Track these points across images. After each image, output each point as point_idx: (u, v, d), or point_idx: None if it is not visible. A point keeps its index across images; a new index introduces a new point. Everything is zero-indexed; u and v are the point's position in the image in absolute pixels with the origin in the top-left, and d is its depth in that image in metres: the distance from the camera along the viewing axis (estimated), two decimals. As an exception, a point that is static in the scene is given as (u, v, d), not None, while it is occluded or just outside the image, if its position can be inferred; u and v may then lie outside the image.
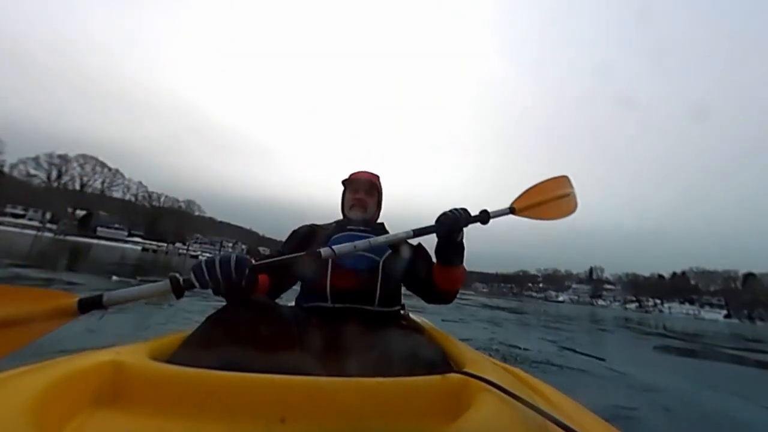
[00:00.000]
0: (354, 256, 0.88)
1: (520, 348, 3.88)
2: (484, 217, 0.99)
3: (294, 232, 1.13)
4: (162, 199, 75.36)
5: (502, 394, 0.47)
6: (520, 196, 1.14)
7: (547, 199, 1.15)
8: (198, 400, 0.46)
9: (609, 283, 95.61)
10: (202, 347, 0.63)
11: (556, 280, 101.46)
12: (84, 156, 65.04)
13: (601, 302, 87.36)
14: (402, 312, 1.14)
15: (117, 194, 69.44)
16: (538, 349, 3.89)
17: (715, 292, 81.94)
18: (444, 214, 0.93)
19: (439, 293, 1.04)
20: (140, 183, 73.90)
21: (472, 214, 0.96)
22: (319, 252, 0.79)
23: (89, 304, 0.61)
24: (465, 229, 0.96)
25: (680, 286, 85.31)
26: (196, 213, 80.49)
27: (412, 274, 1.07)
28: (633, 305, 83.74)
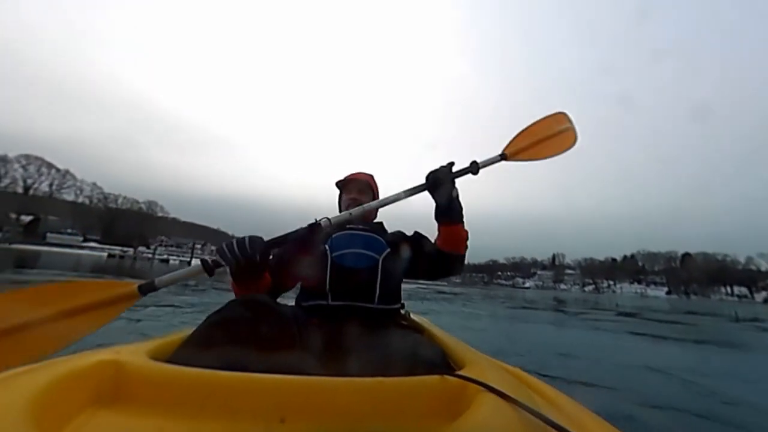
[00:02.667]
0: (352, 244, 1.00)
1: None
2: (474, 168, 1.00)
3: (294, 231, 1.12)
4: (120, 201, 70.33)
5: (502, 393, 0.47)
6: (511, 141, 1.11)
7: (543, 137, 1.12)
8: (198, 400, 0.47)
9: (570, 268, 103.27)
10: (202, 347, 0.64)
11: (522, 268, 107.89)
12: (27, 156, 58.88)
13: (562, 286, 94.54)
14: (402, 311, 1.14)
15: (68, 197, 63.95)
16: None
17: (659, 272, 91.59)
18: (432, 171, 0.96)
19: (444, 259, 1.05)
20: (94, 184, 68.29)
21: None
22: (319, 222, 0.89)
23: (147, 288, 0.75)
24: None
25: (630, 268, 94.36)
26: (159, 214, 76.13)
27: (415, 263, 1.07)
28: (590, 287, 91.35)
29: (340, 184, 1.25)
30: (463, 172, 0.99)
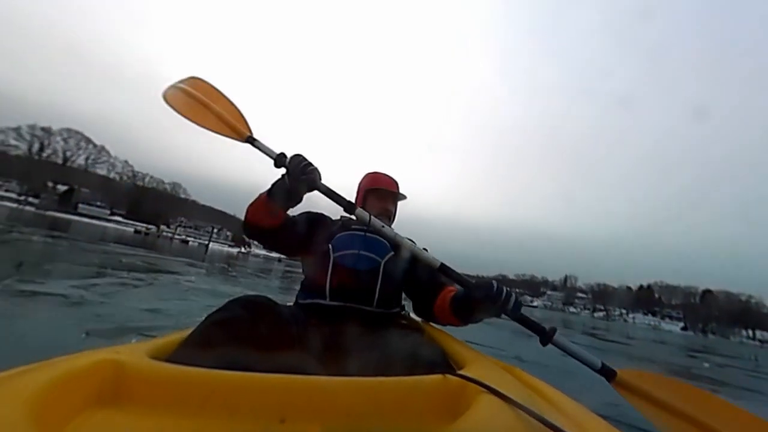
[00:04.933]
0: (356, 246, 1.00)
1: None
2: (543, 335, 0.75)
3: (306, 213, 1.12)
4: (147, 180, 73.55)
5: (502, 394, 0.47)
6: (635, 372, 0.73)
7: (682, 413, 0.65)
8: (198, 400, 0.47)
9: (581, 291, 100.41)
10: (202, 347, 0.64)
11: (532, 286, 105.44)
12: (69, 130, 62.56)
13: (572, 309, 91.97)
14: (402, 312, 1.12)
15: (101, 171, 67.28)
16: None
17: (676, 306, 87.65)
18: (489, 283, 0.77)
19: (431, 319, 1.03)
20: (126, 162, 71.69)
21: (532, 319, 0.77)
22: (354, 206, 0.89)
23: (251, 140, 0.96)
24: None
25: (645, 298, 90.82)
26: (182, 196, 79.06)
27: (413, 280, 1.04)
28: (601, 313, 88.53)
29: (374, 188, 1.16)
30: (523, 322, 0.76)
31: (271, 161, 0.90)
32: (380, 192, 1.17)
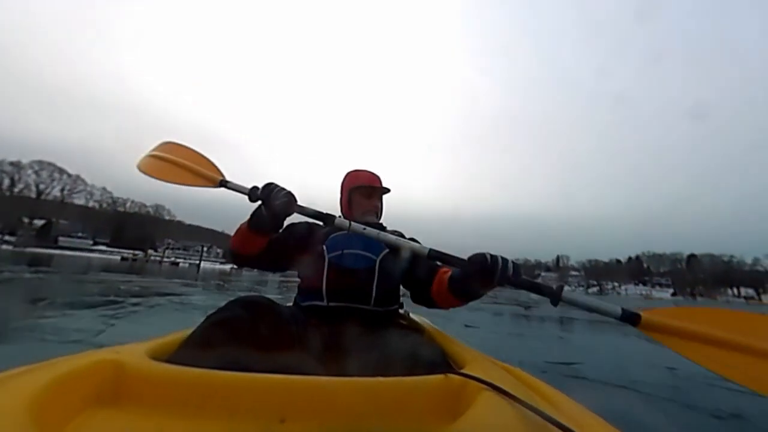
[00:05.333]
0: (350, 245, 0.99)
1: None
2: (554, 296, 0.72)
3: (292, 225, 1.08)
4: (128, 205, 71.48)
5: (502, 394, 0.47)
6: (659, 310, 0.69)
7: (723, 340, 0.62)
8: (198, 400, 0.47)
9: (574, 269, 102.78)
10: (202, 347, 0.64)
11: (526, 270, 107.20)
12: (40, 162, 60.00)
13: (567, 288, 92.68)
14: (401, 311, 1.12)
15: (79, 201, 65.05)
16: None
17: (664, 273, 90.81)
18: (483, 255, 0.75)
19: (432, 305, 1.00)
20: (104, 189, 69.41)
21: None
22: (334, 217, 0.88)
23: (222, 183, 0.99)
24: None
25: (635, 269, 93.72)
26: (166, 217, 77.20)
27: (409, 274, 1.04)
28: (595, 289, 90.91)
29: (358, 186, 1.16)
30: (527, 286, 0.74)
31: (245, 197, 0.92)
32: (364, 189, 1.17)
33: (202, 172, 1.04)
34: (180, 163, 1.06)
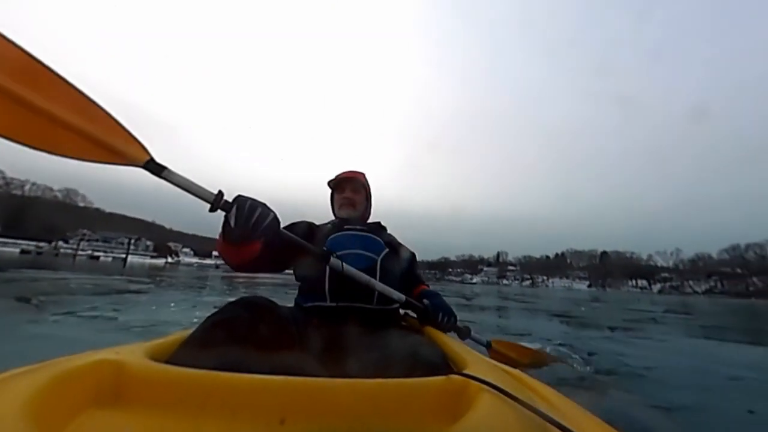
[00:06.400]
0: (350, 245, 1.03)
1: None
2: (464, 333, 1.16)
3: (292, 224, 1.11)
4: (27, 188, 60.05)
5: (503, 395, 0.47)
6: (500, 341, 1.42)
7: (522, 358, 1.44)
8: (198, 401, 0.47)
9: (512, 265, 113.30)
10: (202, 348, 0.64)
11: (471, 265, 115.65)
12: None
13: (505, 282, 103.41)
14: (401, 311, 1.15)
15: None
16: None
17: (583, 268, 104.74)
18: (434, 306, 1.05)
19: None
20: (-7, 166, 57.32)
21: (458, 322, 1.10)
22: (330, 255, 0.91)
23: (155, 167, 0.71)
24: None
25: (560, 264, 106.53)
26: (81, 204, 66.52)
27: (406, 275, 1.09)
28: (527, 282, 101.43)
29: (332, 184, 1.23)
30: (455, 328, 1.11)
31: (203, 202, 0.73)
32: (336, 183, 1.21)
33: (104, 140, 0.67)
34: (46, 110, 0.62)
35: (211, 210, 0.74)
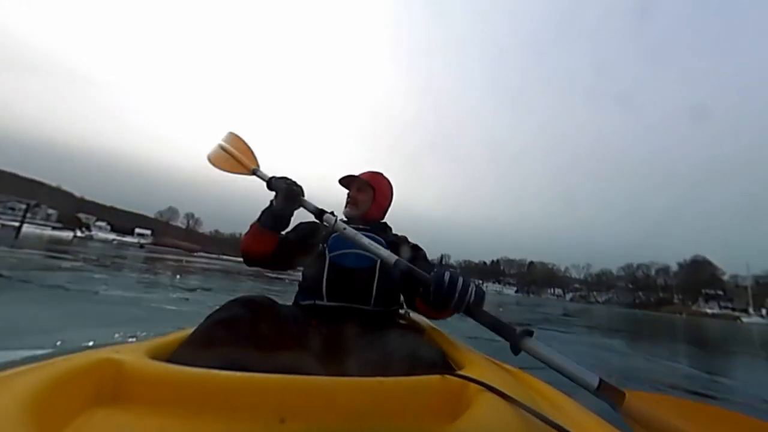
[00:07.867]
0: (350, 245, 0.94)
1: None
2: (513, 338, 0.62)
3: (299, 225, 1.15)
4: None
5: (502, 396, 0.47)
6: (645, 395, 0.55)
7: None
8: (197, 400, 0.47)
9: (453, 268, 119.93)
10: (202, 347, 0.64)
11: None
12: None
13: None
14: (401, 311, 1.11)
15: None
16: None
17: (513, 275, 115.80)
18: (441, 276, 0.71)
19: (420, 313, 0.98)
20: None
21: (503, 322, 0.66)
22: (323, 212, 0.95)
23: (254, 172, 1.12)
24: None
25: (495, 270, 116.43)
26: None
27: (406, 276, 0.92)
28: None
29: (344, 183, 1.23)
30: (495, 328, 0.65)
31: (265, 184, 1.05)
32: (343, 182, 1.26)
33: (245, 161, 1.18)
34: (236, 155, 1.20)
35: (269, 187, 1.03)
